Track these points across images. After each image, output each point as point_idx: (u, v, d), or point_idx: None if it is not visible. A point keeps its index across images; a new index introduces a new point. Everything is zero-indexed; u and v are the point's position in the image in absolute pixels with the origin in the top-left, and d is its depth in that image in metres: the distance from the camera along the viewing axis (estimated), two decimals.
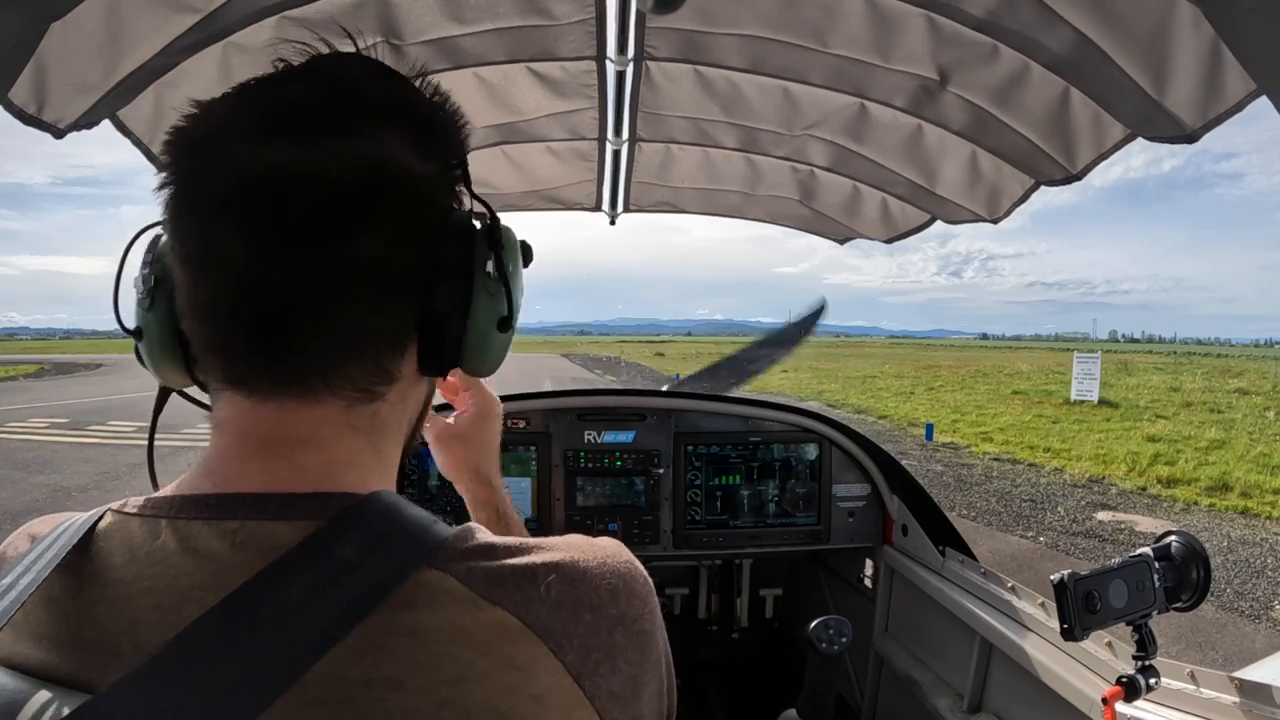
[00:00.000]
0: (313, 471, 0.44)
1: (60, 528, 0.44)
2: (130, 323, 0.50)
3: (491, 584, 0.40)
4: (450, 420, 0.80)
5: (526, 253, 0.55)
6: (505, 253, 0.50)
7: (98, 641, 0.39)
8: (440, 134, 0.48)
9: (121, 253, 0.52)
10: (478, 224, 0.50)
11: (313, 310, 0.42)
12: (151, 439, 0.57)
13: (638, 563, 0.48)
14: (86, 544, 0.42)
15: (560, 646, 0.40)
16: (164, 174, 0.44)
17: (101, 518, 0.44)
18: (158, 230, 0.49)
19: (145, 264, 0.49)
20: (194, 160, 0.43)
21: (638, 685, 0.44)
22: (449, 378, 0.72)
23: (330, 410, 0.45)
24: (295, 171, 0.41)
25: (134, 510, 0.43)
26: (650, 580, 0.48)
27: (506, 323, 0.51)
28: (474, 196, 0.50)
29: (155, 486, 0.49)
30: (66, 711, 0.35)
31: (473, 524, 0.45)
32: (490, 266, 0.49)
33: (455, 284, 0.48)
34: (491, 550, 0.42)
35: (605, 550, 0.46)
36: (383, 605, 0.37)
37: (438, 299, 0.47)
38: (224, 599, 0.37)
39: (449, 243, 0.47)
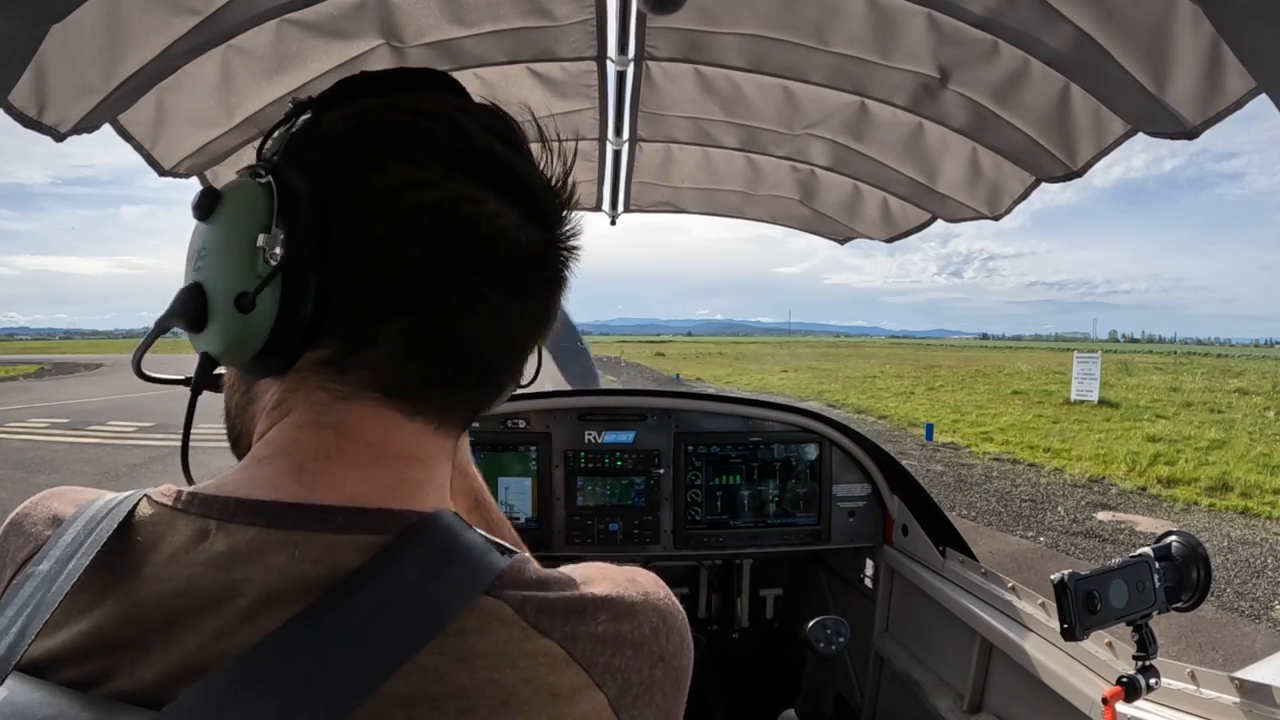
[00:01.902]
0: (407, 486, 0.45)
1: (91, 511, 0.43)
2: (242, 283, 0.41)
3: (542, 614, 0.41)
4: None
5: None
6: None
7: (127, 638, 0.38)
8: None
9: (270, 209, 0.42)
10: None
11: (501, 357, 0.47)
12: (187, 429, 0.50)
13: (674, 597, 0.49)
14: (123, 533, 0.41)
15: (603, 680, 0.41)
16: (339, 164, 0.43)
17: (138, 504, 0.42)
18: (294, 187, 0.42)
19: (290, 230, 0.41)
20: (390, 174, 0.43)
21: (668, 718, 0.45)
22: None
23: (450, 440, 0.49)
24: (496, 225, 0.43)
25: (180, 505, 0.42)
26: (684, 615, 0.49)
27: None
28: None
29: (190, 480, 0.47)
30: None
31: (525, 555, 0.45)
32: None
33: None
34: (544, 583, 0.43)
35: (646, 586, 0.47)
36: (443, 630, 0.38)
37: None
38: (295, 615, 0.36)
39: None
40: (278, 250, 0.41)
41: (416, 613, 0.37)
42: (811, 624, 1.23)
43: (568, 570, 0.46)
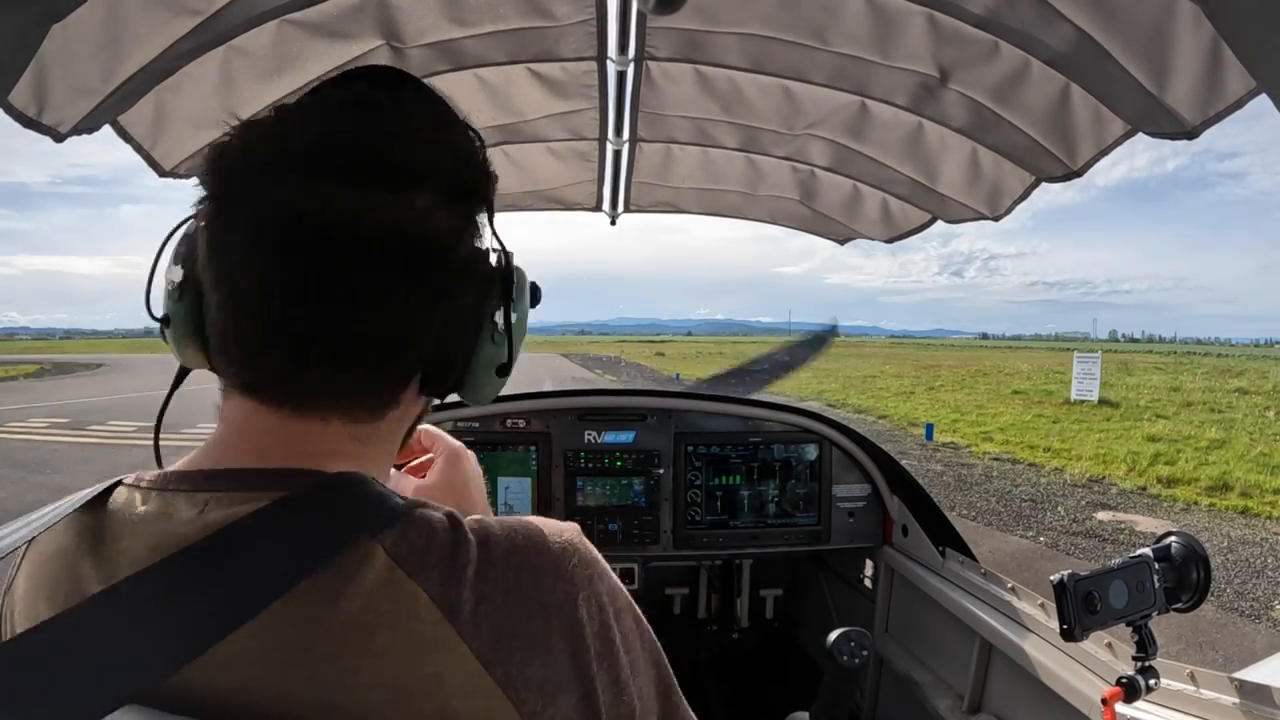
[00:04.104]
0: (302, 458, 0.46)
1: (78, 495, 0.48)
2: (159, 309, 0.51)
3: (415, 558, 0.41)
4: (421, 480, 0.71)
5: (535, 295, 0.58)
6: (515, 303, 0.53)
7: (82, 595, 0.41)
8: (472, 187, 0.49)
9: (161, 242, 0.52)
10: (494, 260, 0.53)
11: (336, 349, 0.45)
12: (161, 416, 0.60)
13: (584, 546, 0.47)
14: (93, 507, 0.46)
15: (468, 629, 0.40)
16: (204, 188, 0.46)
17: (114, 486, 0.48)
18: (192, 222, 0.49)
19: (178, 257, 0.50)
20: (237, 184, 0.45)
21: (567, 677, 0.41)
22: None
23: (335, 426, 0.47)
24: (334, 220, 0.43)
25: (134, 480, 0.47)
26: (596, 562, 0.47)
27: (505, 369, 0.54)
28: (503, 249, 0.53)
29: (159, 464, 0.52)
30: None
31: (427, 500, 0.45)
32: (499, 317, 0.52)
33: (466, 331, 0.51)
34: (429, 525, 0.43)
35: (546, 531, 0.46)
36: (324, 569, 0.39)
37: (448, 344, 0.50)
38: (178, 551, 0.39)
39: (465, 292, 0.50)
40: (175, 278, 0.49)
41: (298, 553, 0.39)
42: (835, 636, 1.21)
43: (476, 518, 0.45)
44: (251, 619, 0.36)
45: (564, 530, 0.47)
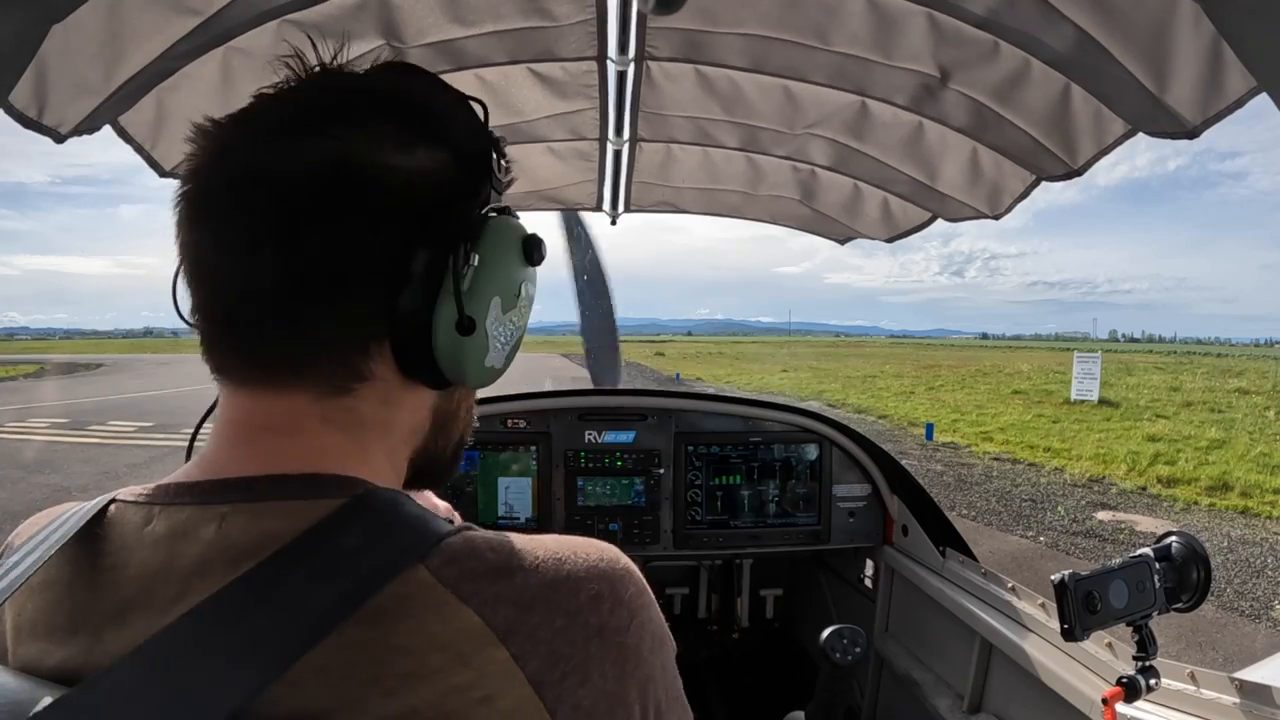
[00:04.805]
0: (293, 457, 0.45)
1: (64, 515, 0.46)
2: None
3: (464, 580, 0.39)
4: None
5: (531, 249, 0.52)
6: (484, 249, 0.48)
7: (88, 626, 0.40)
8: (438, 125, 0.47)
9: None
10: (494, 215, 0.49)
11: (270, 307, 0.44)
12: (198, 426, 0.61)
13: (633, 570, 0.46)
14: (88, 531, 0.44)
15: (523, 652, 0.39)
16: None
17: (107, 506, 0.45)
18: None
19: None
20: (191, 166, 0.46)
21: (615, 703, 0.41)
22: None
23: (300, 401, 0.46)
24: (255, 173, 0.44)
25: (132, 498, 0.45)
26: (647, 591, 0.46)
27: (463, 326, 0.47)
28: (495, 187, 0.51)
29: None
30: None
31: (469, 524, 0.44)
32: (474, 263, 0.47)
33: (421, 284, 0.45)
34: (475, 547, 0.41)
35: (597, 553, 0.45)
36: (376, 594, 0.38)
37: (401, 300, 0.45)
38: (231, 582, 0.37)
39: (423, 241, 0.45)
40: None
41: (353, 578, 0.38)
42: (828, 633, 1.20)
43: (514, 537, 0.44)
44: (308, 651, 0.36)
45: (618, 555, 0.46)
